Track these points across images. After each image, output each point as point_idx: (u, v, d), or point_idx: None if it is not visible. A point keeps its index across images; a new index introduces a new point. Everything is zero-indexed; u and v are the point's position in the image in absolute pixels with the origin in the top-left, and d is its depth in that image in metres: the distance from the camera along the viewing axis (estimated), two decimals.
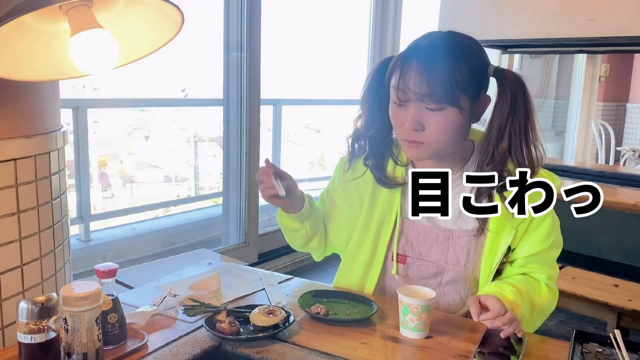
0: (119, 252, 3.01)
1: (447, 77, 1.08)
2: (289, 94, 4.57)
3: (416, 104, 1.11)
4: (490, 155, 1.13)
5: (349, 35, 4.65)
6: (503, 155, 1.12)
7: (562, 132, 6.22)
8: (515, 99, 1.10)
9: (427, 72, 1.08)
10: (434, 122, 1.11)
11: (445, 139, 1.13)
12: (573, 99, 6.03)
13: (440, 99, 1.08)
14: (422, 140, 1.13)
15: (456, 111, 1.10)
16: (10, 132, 1.11)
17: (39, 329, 0.88)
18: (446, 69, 1.08)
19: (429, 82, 1.08)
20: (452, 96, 1.08)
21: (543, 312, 1.25)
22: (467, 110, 1.12)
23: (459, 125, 1.13)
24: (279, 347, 1.06)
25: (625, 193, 2.82)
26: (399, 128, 1.16)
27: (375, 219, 1.28)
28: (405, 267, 1.27)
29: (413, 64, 1.10)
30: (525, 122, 1.11)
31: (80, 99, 3.04)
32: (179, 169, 4.72)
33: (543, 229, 1.20)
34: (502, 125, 1.11)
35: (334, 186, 1.38)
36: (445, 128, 1.12)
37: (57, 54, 1.03)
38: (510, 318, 1.07)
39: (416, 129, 1.12)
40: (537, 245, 1.21)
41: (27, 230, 1.15)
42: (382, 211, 1.28)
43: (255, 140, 3.42)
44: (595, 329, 2.67)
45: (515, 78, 1.12)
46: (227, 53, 3.28)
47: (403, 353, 1.05)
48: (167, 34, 1.02)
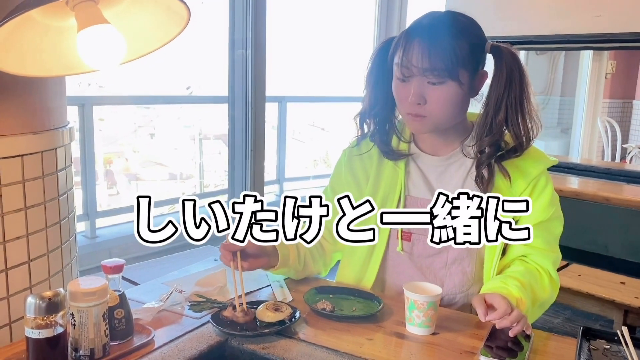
0: (124, 249, 3.02)
1: (447, 52, 1.14)
2: (294, 91, 4.57)
3: (418, 79, 1.16)
4: (488, 126, 1.19)
5: (354, 32, 4.65)
6: (500, 126, 1.19)
7: (568, 129, 6.19)
8: (511, 73, 1.17)
9: (428, 48, 1.14)
10: (435, 95, 1.16)
11: (446, 112, 1.19)
12: (579, 96, 5.99)
13: (441, 73, 1.14)
14: (425, 114, 1.18)
15: (456, 85, 1.16)
16: (18, 129, 1.11)
17: (46, 324, 0.88)
18: (446, 45, 1.14)
19: (430, 58, 1.14)
20: (452, 70, 1.14)
21: (543, 305, 1.26)
22: (466, 85, 1.18)
23: (459, 98, 1.19)
24: (285, 342, 1.06)
25: (632, 190, 2.81)
26: (402, 103, 1.21)
27: (380, 196, 1.31)
28: (410, 244, 1.28)
29: (415, 41, 1.16)
30: (521, 95, 1.18)
31: (86, 97, 3.05)
32: (184, 167, 4.73)
33: (545, 197, 1.23)
34: (499, 98, 1.17)
35: (340, 176, 1.38)
36: (446, 101, 1.17)
37: (64, 49, 1.03)
38: (517, 316, 1.07)
39: (419, 102, 1.17)
40: (540, 214, 1.22)
41: (34, 226, 1.15)
42: (386, 188, 1.31)
43: (260, 138, 3.42)
44: (601, 326, 2.66)
45: (510, 54, 1.18)
46: (232, 50, 3.28)
47: (409, 349, 1.05)
48: (173, 30, 1.02)
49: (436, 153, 1.29)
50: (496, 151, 1.20)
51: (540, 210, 1.22)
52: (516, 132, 1.19)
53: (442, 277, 1.26)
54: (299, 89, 4.67)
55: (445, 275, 1.26)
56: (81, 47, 0.94)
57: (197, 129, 4.61)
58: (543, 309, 1.28)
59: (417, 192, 1.29)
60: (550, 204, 1.24)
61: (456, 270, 1.26)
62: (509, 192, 1.21)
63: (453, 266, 1.26)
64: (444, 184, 1.27)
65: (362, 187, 1.34)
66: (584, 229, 2.73)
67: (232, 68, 3.30)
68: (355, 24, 4.59)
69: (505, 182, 1.21)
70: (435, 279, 1.25)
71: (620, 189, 2.84)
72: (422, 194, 1.29)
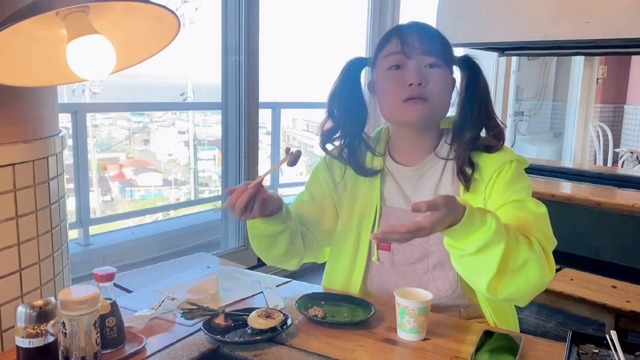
0: (118, 256, 3.02)
1: (440, 40, 1.22)
2: (288, 97, 4.58)
3: (417, 62, 1.19)
4: (457, 131, 1.24)
5: (347, 37, 4.67)
6: (475, 122, 1.23)
7: (560, 134, 6.23)
8: (477, 81, 1.23)
9: (424, 33, 1.21)
10: (434, 78, 1.19)
11: (443, 97, 1.22)
12: (571, 101, 6.04)
13: (438, 54, 1.20)
14: (426, 96, 1.19)
15: (448, 73, 1.22)
16: (9, 138, 1.12)
17: (37, 333, 0.88)
18: (437, 35, 1.23)
19: (429, 40, 1.20)
20: (447, 57, 1.21)
21: (517, 267, 1.04)
22: (451, 77, 1.24)
23: (450, 87, 1.24)
24: (276, 349, 1.06)
25: (623, 194, 2.83)
26: (398, 91, 1.20)
27: (358, 209, 1.32)
28: (391, 254, 1.28)
29: (409, 29, 1.21)
30: (487, 103, 1.24)
31: (80, 104, 3.05)
32: (179, 173, 4.73)
33: (504, 176, 1.20)
34: (465, 104, 1.23)
35: (318, 180, 1.39)
36: (444, 84, 1.21)
37: (55, 60, 1.03)
38: (420, 226, 0.94)
39: (420, 82, 1.18)
40: (502, 192, 1.17)
41: (26, 235, 1.15)
42: (364, 198, 1.32)
43: (254, 144, 3.43)
44: (593, 330, 2.67)
45: (475, 64, 1.25)
46: (225, 57, 3.29)
47: (400, 355, 1.06)
48: (163, 39, 1.02)
49: (410, 163, 1.30)
50: (472, 143, 1.23)
51: (502, 188, 1.18)
52: (491, 127, 1.24)
53: (425, 282, 1.26)
54: (292, 95, 4.68)
55: (429, 280, 1.26)
56: (71, 57, 0.94)
57: (192, 135, 4.62)
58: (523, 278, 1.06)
59: (393, 203, 1.30)
60: (512, 180, 1.18)
61: (438, 275, 1.26)
62: (481, 188, 1.22)
63: (435, 272, 1.26)
64: (418, 193, 1.28)
65: (340, 194, 1.36)
66: (576, 233, 2.75)
67: (225, 74, 3.31)
68: (348, 30, 4.62)
69: (478, 177, 1.22)
70: (419, 285, 1.26)
71: (612, 193, 2.86)
72: (399, 204, 1.29)
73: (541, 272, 1.07)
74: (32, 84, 1.09)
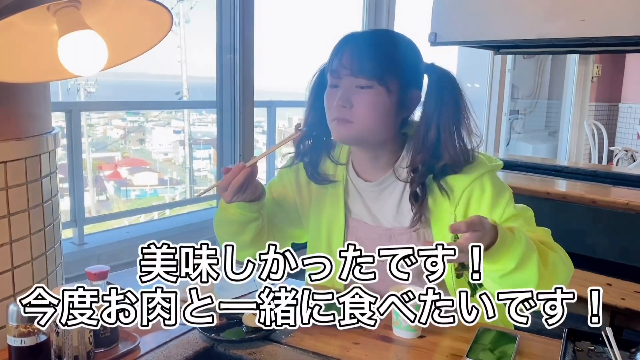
0: (113, 255, 3.00)
1: (377, 56, 1.15)
2: (284, 96, 4.57)
3: (348, 82, 1.16)
4: (420, 145, 1.18)
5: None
6: (431, 146, 1.17)
7: (555, 132, 6.25)
8: (442, 92, 1.18)
9: (359, 51, 1.15)
10: (362, 100, 1.15)
11: (371, 119, 1.16)
12: (566, 99, 6.06)
13: (369, 76, 1.14)
14: (350, 119, 1.16)
15: (384, 92, 1.15)
16: (0, 135, 1.10)
17: (29, 332, 0.88)
18: (378, 50, 1.16)
19: (360, 60, 1.14)
20: (381, 75, 1.14)
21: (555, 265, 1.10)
22: (395, 95, 1.16)
23: (386, 107, 1.16)
24: (271, 348, 1.06)
25: (618, 192, 2.83)
26: (329, 109, 1.19)
27: (325, 219, 1.32)
28: None
29: (348, 46, 1.17)
30: (456, 116, 1.17)
31: (74, 102, 3.03)
32: (174, 172, 4.72)
33: (484, 198, 1.17)
34: (430, 117, 1.17)
35: (282, 180, 1.38)
36: (373, 106, 1.15)
37: (46, 55, 1.02)
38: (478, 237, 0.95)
39: (344, 105, 1.15)
40: (489, 214, 1.14)
41: (18, 233, 1.14)
42: (330, 210, 1.31)
43: (249, 143, 3.42)
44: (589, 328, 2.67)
45: (445, 74, 1.20)
46: (220, 55, 3.27)
47: (396, 353, 1.05)
48: (156, 35, 1.01)
49: (369, 178, 1.28)
50: (429, 171, 1.18)
51: (485, 213, 1.15)
52: (450, 153, 1.16)
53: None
54: (288, 94, 4.67)
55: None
56: (62, 53, 0.93)
57: (187, 134, 4.60)
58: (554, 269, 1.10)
59: (358, 215, 1.30)
60: (494, 202, 1.17)
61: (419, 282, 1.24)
62: (450, 209, 1.19)
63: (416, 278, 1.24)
64: (380, 208, 1.27)
65: (305, 200, 1.35)
66: (571, 231, 2.75)
67: (220, 73, 3.30)
68: (344, 30, 4.62)
69: (445, 198, 1.19)
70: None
71: (607, 191, 2.87)
72: (363, 217, 1.29)
73: (565, 260, 1.13)
74: (23, 80, 1.08)
